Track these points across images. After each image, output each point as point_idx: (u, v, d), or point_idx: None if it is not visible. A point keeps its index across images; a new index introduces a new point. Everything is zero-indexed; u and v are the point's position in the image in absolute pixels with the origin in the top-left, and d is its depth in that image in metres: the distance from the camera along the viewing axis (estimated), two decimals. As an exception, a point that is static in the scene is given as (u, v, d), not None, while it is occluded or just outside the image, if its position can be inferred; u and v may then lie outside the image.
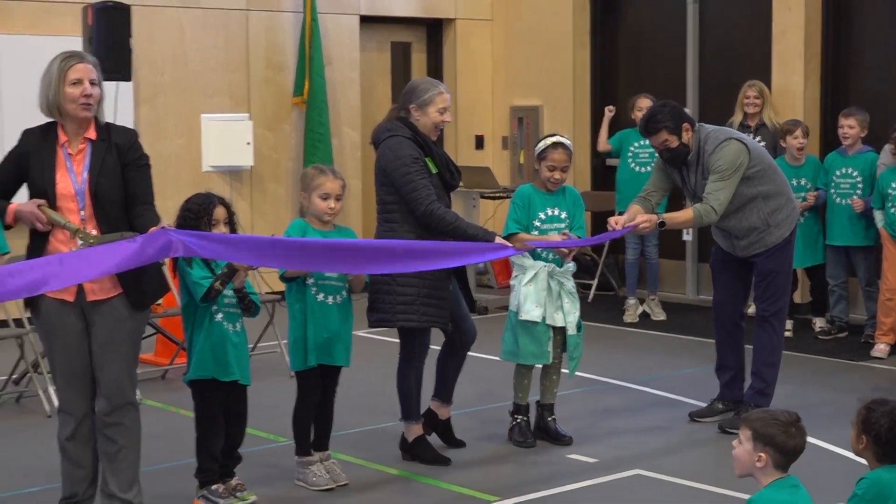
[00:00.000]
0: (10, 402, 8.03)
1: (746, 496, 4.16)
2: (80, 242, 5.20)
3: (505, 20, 13.36)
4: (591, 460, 6.70)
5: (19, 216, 5.31)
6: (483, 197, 11.71)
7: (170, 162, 11.08)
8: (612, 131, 11.08)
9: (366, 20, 12.75)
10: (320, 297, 6.10)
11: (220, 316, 5.80)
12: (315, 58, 11.98)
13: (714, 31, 11.88)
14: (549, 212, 6.86)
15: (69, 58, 5.40)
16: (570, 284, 6.88)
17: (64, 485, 5.62)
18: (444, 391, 6.91)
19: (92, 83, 5.36)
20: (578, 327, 6.89)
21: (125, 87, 10.03)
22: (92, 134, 5.43)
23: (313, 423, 6.28)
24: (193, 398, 5.93)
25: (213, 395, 5.86)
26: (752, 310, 7.75)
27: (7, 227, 5.44)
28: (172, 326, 9.07)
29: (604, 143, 11.03)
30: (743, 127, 9.91)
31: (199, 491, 5.94)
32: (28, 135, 5.47)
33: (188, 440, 6.09)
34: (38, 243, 5.37)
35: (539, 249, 6.74)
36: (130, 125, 10.23)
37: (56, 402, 5.87)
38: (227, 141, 11.54)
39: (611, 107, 11.37)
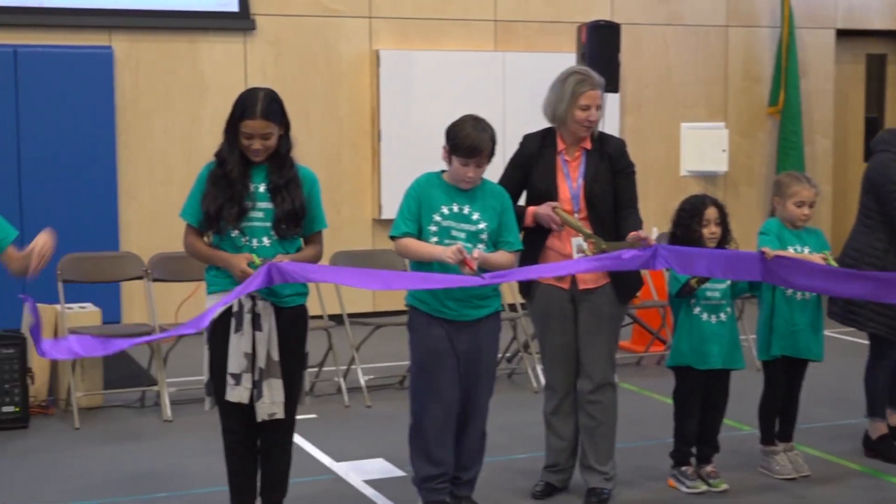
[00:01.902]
0: (503, 377, 8.29)
1: None
2: (587, 247, 5.28)
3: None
4: None
5: (537, 218, 5.41)
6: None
7: (651, 167, 11.10)
8: None
9: (842, 33, 12.24)
10: (789, 292, 5.88)
11: (697, 309, 5.72)
12: (791, 70, 11.67)
13: None
14: None
15: (583, 82, 5.40)
16: None
17: (547, 454, 5.73)
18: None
19: (598, 108, 5.41)
20: None
21: (612, 98, 10.16)
22: (587, 144, 5.49)
23: (778, 414, 6.08)
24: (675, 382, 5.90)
25: (689, 381, 5.79)
26: None
27: (524, 229, 5.45)
28: (647, 317, 9.10)
29: None
30: None
31: (671, 470, 5.90)
32: (528, 139, 5.59)
33: (662, 422, 6.05)
34: (537, 244, 5.46)
35: None
36: (616, 133, 10.39)
37: (542, 380, 5.99)
38: (703, 148, 11.55)
39: None
